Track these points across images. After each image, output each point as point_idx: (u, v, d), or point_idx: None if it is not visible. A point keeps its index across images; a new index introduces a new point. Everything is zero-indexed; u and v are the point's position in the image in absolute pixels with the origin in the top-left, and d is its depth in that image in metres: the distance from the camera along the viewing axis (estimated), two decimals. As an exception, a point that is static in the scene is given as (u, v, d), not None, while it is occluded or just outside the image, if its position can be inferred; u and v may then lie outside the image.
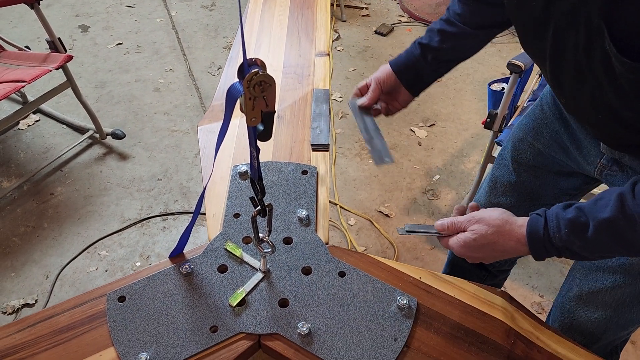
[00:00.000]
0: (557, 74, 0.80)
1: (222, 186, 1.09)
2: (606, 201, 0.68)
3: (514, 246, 0.77)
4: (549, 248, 0.74)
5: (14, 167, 2.32)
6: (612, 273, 0.96)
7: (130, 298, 0.88)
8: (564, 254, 0.74)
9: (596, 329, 1.03)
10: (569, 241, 0.71)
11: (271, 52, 1.47)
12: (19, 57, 2.21)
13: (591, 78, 0.72)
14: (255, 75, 0.67)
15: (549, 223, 0.73)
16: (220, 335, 0.83)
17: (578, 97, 0.79)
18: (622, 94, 0.69)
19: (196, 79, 2.86)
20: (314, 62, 1.43)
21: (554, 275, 1.97)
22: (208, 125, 1.21)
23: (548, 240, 0.73)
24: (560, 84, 0.81)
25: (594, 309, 1.01)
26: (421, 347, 0.84)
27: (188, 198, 2.23)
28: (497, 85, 1.89)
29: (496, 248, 0.79)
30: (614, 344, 1.10)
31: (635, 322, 1.01)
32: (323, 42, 1.49)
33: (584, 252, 0.71)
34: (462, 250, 0.83)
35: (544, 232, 0.73)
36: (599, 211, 0.68)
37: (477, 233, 0.80)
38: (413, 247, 2.06)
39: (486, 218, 0.80)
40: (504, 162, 1.17)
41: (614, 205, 0.67)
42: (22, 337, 0.83)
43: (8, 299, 1.83)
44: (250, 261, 0.94)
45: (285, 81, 1.37)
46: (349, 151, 2.48)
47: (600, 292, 0.99)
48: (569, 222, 0.71)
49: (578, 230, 0.70)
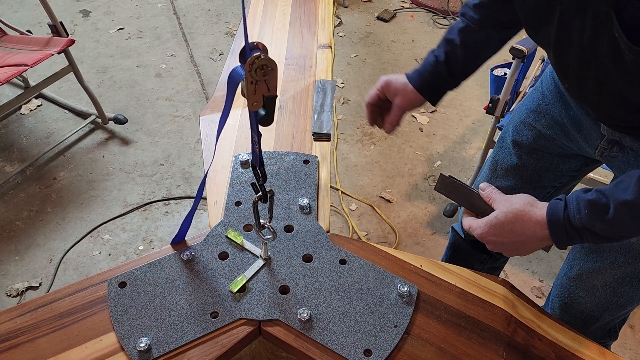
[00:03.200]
0: (561, 59, 0.80)
1: (224, 175, 1.10)
2: (627, 184, 0.68)
3: (533, 230, 0.75)
4: (570, 231, 0.73)
5: (17, 151, 2.32)
6: (612, 253, 0.97)
7: (131, 284, 0.89)
8: (585, 236, 0.73)
9: (595, 308, 1.04)
10: (589, 223, 0.71)
11: (274, 43, 1.47)
12: (21, 41, 2.20)
13: (596, 64, 0.72)
14: (257, 59, 0.67)
15: (569, 205, 0.73)
16: (220, 321, 0.84)
17: (582, 83, 0.79)
18: (630, 80, 0.68)
19: (198, 64, 2.85)
20: (316, 54, 1.43)
21: (554, 261, 1.98)
22: (210, 115, 1.21)
23: (568, 222, 0.72)
24: (565, 69, 0.81)
25: (593, 289, 1.02)
26: (421, 334, 0.84)
27: (190, 183, 2.23)
28: (499, 70, 1.88)
29: (516, 230, 0.77)
30: (612, 324, 1.11)
31: (634, 302, 1.02)
32: (325, 35, 1.49)
33: (605, 233, 0.71)
34: (484, 232, 0.81)
35: (564, 214, 0.73)
36: (620, 193, 0.68)
37: (499, 212, 0.79)
38: (414, 233, 2.07)
39: (511, 198, 0.79)
40: (505, 145, 1.17)
41: (635, 187, 0.67)
42: (23, 321, 0.83)
43: (12, 282, 1.84)
44: (251, 248, 0.95)
45: (287, 72, 1.37)
46: (350, 137, 2.48)
47: (600, 272, 0.99)
48: (589, 203, 0.71)
49: (599, 211, 0.69)
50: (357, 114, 2.61)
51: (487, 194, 0.84)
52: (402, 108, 1.03)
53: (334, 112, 1.21)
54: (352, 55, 2.99)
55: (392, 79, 1.03)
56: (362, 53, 3.02)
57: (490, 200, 0.82)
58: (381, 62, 2.95)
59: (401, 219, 2.12)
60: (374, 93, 1.05)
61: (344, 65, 2.91)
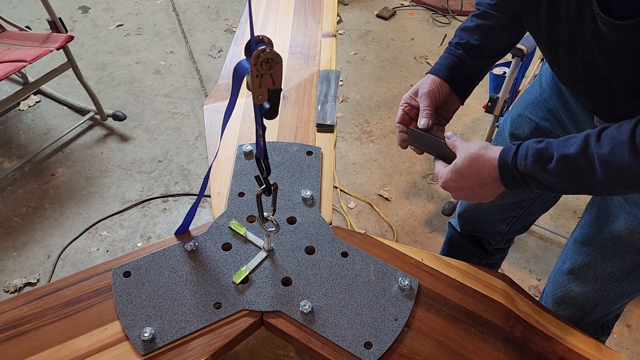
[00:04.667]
0: (551, 42, 0.82)
1: (227, 165, 1.10)
2: (574, 140, 0.71)
3: (487, 171, 0.78)
4: (516, 175, 0.75)
5: (15, 147, 2.32)
6: (602, 246, 0.98)
7: (136, 273, 0.89)
8: (529, 182, 0.75)
9: (587, 302, 1.05)
10: (533, 170, 0.73)
11: (278, 32, 1.46)
12: (20, 37, 2.20)
13: (583, 44, 0.73)
14: (262, 53, 0.67)
15: (519, 151, 0.75)
16: (223, 312, 0.85)
17: (572, 66, 0.80)
18: (609, 57, 0.70)
19: (197, 61, 2.85)
20: (320, 43, 1.43)
21: (552, 260, 1.99)
22: (213, 104, 1.21)
23: (515, 167, 0.75)
24: (555, 52, 0.83)
25: (585, 283, 1.03)
26: (421, 327, 0.85)
27: (189, 180, 2.23)
28: (498, 69, 1.89)
29: (473, 174, 0.79)
30: (605, 319, 1.12)
31: (625, 297, 1.03)
32: (330, 23, 1.48)
33: (545, 181, 0.74)
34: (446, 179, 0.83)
35: (513, 159, 0.75)
36: (565, 147, 0.71)
37: (459, 158, 0.81)
38: (412, 231, 2.07)
39: (469, 144, 0.82)
40: (502, 137, 1.19)
41: (578, 144, 0.70)
42: (30, 309, 0.84)
43: (10, 278, 1.84)
44: (254, 240, 0.95)
45: (291, 61, 1.37)
46: (349, 135, 2.49)
47: (591, 266, 1.01)
48: (536, 152, 0.73)
49: (542, 161, 0.72)
50: (355, 111, 2.62)
51: (451, 141, 0.86)
52: (431, 96, 0.94)
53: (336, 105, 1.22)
54: (352, 53, 3.00)
55: (412, 90, 0.97)
56: (362, 51, 3.02)
57: (454, 147, 0.85)
58: (380, 60, 2.96)
59: (399, 217, 2.13)
60: (400, 112, 0.97)
61: (343, 63, 2.92)
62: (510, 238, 1.37)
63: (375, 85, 2.80)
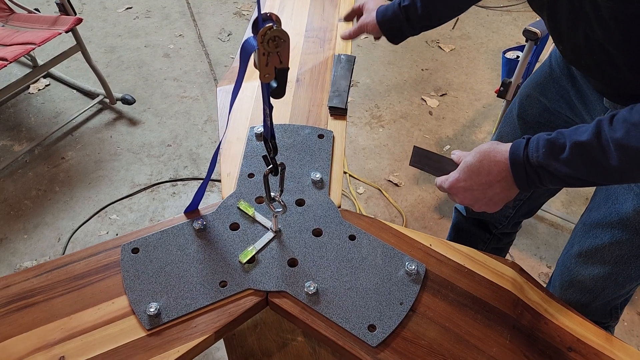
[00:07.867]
0: (554, 18, 0.81)
1: (239, 147, 1.09)
2: (586, 127, 0.70)
3: (498, 168, 0.77)
4: (528, 169, 0.74)
5: (25, 130, 2.33)
6: (610, 229, 0.97)
7: (144, 250, 0.89)
8: (542, 176, 0.74)
9: (595, 286, 1.04)
10: (545, 162, 0.72)
11: (294, 15, 1.45)
12: (29, 19, 2.20)
13: (583, 17, 0.73)
14: (269, 30, 0.66)
15: (530, 144, 0.74)
16: (229, 290, 0.85)
17: (574, 41, 0.80)
18: (607, 30, 0.70)
19: (206, 45, 2.84)
20: (337, 27, 1.41)
21: (563, 247, 1.96)
22: (228, 86, 1.20)
23: (527, 160, 0.74)
24: (558, 29, 0.82)
25: (593, 266, 1.02)
26: (427, 312, 0.84)
27: (197, 164, 2.23)
28: (511, 53, 1.86)
29: (483, 170, 0.78)
30: (613, 304, 1.11)
31: (634, 280, 1.02)
32: (348, 7, 1.46)
33: (559, 173, 0.72)
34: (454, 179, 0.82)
35: (524, 152, 0.74)
36: (577, 135, 0.70)
37: (469, 156, 0.81)
38: (421, 217, 2.06)
39: (476, 148, 0.82)
40: (511, 119, 1.18)
41: (591, 131, 0.69)
42: (39, 281, 0.85)
43: (21, 260, 1.86)
44: (262, 220, 0.95)
45: (306, 45, 1.36)
46: (359, 120, 2.47)
47: (599, 249, 1.00)
48: (547, 142, 0.72)
49: (555, 150, 0.71)
50: (365, 96, 2.60)
51: (457, 155, 0.86)
52: (362, 28, 1.21)
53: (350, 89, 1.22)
54: (363, 36, 2.97)
55: (370, 6, 1.20)
56: (371, 36, 2.99)
57: (460, 159, 0.84)
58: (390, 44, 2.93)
59: (408, 202, 2.12)
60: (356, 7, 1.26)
61: (354, 47, 2.89)
62: (517, 222, 1.36)
63: (386, 69, 2.77)
